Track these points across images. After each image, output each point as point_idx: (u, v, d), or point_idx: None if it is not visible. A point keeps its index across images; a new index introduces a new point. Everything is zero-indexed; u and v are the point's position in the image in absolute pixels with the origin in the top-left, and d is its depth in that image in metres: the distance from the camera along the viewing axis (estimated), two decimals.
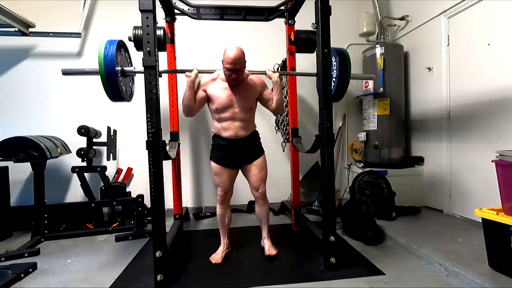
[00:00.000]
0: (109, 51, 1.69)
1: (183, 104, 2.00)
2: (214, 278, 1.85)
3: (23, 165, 2.64)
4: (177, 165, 2.82)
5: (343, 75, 1.97)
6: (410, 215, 2.87)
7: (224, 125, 2.03)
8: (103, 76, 1.67)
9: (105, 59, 1.67)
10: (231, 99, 1.99)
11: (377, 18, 3.36)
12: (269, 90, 2.12)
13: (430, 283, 1.71)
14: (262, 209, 2.19)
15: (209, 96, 2.03)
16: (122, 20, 3.25)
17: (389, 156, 3.25)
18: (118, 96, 1.80)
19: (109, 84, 1.68)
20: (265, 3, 2.63)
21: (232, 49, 1.86)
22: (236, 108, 2.00)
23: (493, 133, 2.40)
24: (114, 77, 1.68)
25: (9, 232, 2.78)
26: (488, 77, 2.43)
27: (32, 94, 3.21)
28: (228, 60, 1.85)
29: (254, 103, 2.11)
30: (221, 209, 2.17)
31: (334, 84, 2.04)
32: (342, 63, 1.98)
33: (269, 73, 2.05)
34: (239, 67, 1.88)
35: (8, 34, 2.94)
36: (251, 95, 2.06)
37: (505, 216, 1.62)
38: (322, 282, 1.75)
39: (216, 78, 2.05)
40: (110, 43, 1.75)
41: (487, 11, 2.43)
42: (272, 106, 2.10)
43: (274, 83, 2.05)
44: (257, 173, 2.11)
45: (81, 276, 1.91)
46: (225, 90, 2.00)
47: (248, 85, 2.04)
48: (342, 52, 2.01)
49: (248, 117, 2.07)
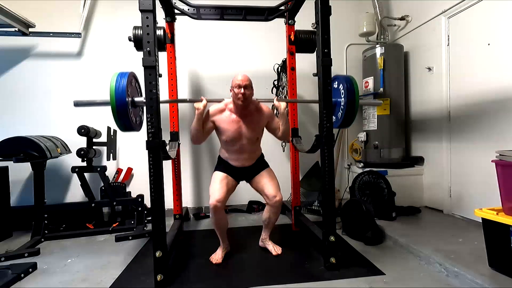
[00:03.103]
0: (121, 83, 1.69)
1: (191, 134, 2.03)
2: (214, 278, 1.85)
3: (23, 165, 2.63)
4: (177, 165, 2.82)
5: (351, 103, 1.92)
6: (410, 215, 2.87)
7: (232, 157, 2.10)
8: (114, 107, 1.66)
9: (116, 91, 1.66)
10: (239, 132, 2.03)
11: (377, 18, 3.36)
12: (276, 119, 2.15)
13: (430, 283, 1.71)
14: (274, 217, 2.15)
15: (217, 128, 2.06)
16: (122, 20, 3.26)
17: (389, 156, 3.25)
18: (128, 126, 1.77)
19: (119, 115, 1.67)
20: (265, 3, 2.63)
21: (239, 74, 1.95)
22: (244, 141, 2.05)
23: (493, 133, 2.40)
24: (125, 109, 1.67)
25: (9, 232, 2.77)
26: (488, 77, 2.43)
27: (32, 94, 3.22)
28: (236, 80, 1.92)
29: (261, 132, 2.16)
30: (215, 217, 2.03)
31: (343, 112, 1.99)
32: (350, 90, 1.93)
33: (276, 103, 2.05)
34: (247, 83, 1.92)
35: (8, 34, 2.94)
36: (259, 126, 2.11)
37: (505, 216, 1.62)
38: (322, 282, 1.75)
39: (224, 109, 2.05)
40: (122, 75, 1.73)
41: (487, 11, 2.43)
42: (278, 134, 2.15)
43: (281, 115, 2.08)
44: (270, 180, 2.12)
45: (81, 276, 1.91)
46: (233, 123, 2.02)
47: (255, 117, 2.06)
48: (349, 79, 1.97)
49: (255, 148, 2.14)
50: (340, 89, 2.01)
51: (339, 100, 2.03)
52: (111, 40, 3.31)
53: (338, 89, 2.04)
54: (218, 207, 1.94)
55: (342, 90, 1.99)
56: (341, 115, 2.00)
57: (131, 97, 1.80)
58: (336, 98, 2.03)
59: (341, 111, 2.02)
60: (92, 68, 3.31)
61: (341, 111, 2.02)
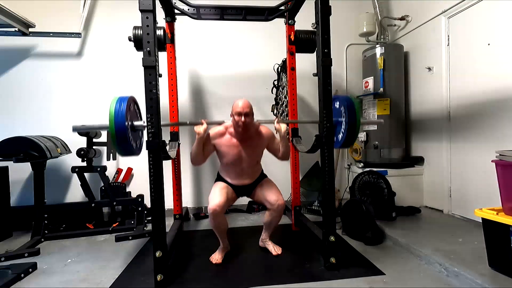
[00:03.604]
0: (120, 108, 1.66)
1: (191, 156, 2.04)
2: (214, 278, 1.85)
3: (23, 165, 2.63)
4: (177, 165, 2.82)
5: (352, 124, 1.90)
6: (410, 215, 2.87)
7: (231, 176, 2.12)
8: (113, 133, 1.64)
9: (115, 116, 1.63)
10: (239, 156, 2.04)
11: (377, 18, 3.36)
12: (277, 141, 2.15)
13: (430, 283, 1.71)
14: (276, 220, 2.15)
15: (217, 150, 2.08)
16: (122, 20, 3.25)
17: (389, 156, 3.25)
18: (127, 150, 1.74)
19: (118, 140, 1.65)
20: (265, 3, 2.63)
21: (240, 99, 1.95)
22: (244, 164, 2.07)
23: (493, 133, 2.40)
24: (124, 133, 1.65)
25: (9, 232, 2.77)
26: (488, 77, 2.43)
27: (32, 94, 3.22)
28: (237, 107, 1.91)
29: (261, 155, 2.17)
30: (214, 222, 2.01)
31: (344, 133, 1.96)
32: (351, 111, 1.90)
33: (277, 126, 2.02)
34: (248, 111, 1.91)
35: (8, 34, 2.94)
36: (259, 150, 2.12)
37: (505, 216, 1.62)
38: (322, 282, 1.75)
39: (224, 132, 2.05)
40: (121, 100, 1.70)
41: (487, 11, 2.43)
42: (278, 156, 2.16)
43: (281, 137, 2.08)
44: (270, 188, 2.14)
45: (81, 276, 1.91)
46: (233, 148, 2.02)
47: (256, 140, 2.07)
48: (350, 100, 1.95)
49: (255, 169, 2.16)
50: (342, 110, 1.99)
51: (340, 120, 2.01)
52: (111, 40, 3.31)
53: (339, 110, 2.02)
54: (218, 212, 1.93)
55: (343, 111, 1.98)
56: (343, 136, 1.97)
57: (131, 121, 1.78)
58: (336, 118, 2.01)
59: (342, 133, 2.00)
60: (92, 68, 3.31)
61: (342, 132, 2.00)
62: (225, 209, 1.99)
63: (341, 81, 3.70)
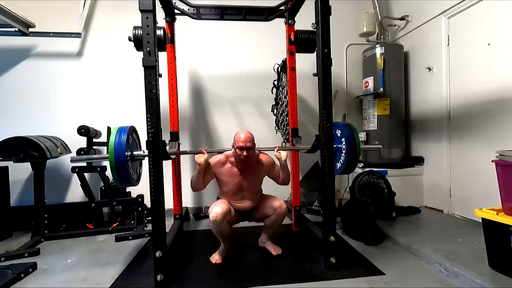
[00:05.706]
0: (120, 139, 1.68)
1: (192, 183, 2.06)
2: (214, 278, 1.85)
3: (23, 165, 2.63)
4: (177, 165, 2.82)
5: (352, 152, 1.92)
6: (410, 215, 2.87)
7: (232, 203, 2.12)
8: (112, 162, 1.65)
9: (115, 147, 1.65)
10: (240, 185, 2.06)
11: (377, 18, 3.36)
12: (277, 167, 2.18)
13: (430, 283, 1.71)
14: (278, 223, 2.17)
15: (218, 179, 2.10)
16: (122, 20, 3.25)
17: (389, 156, 3.25)
18: (126, 180, 1.75)
19: (118, 171, 1.66)
20: (265, 3, 2.63)
21: (242, 131, 1.98)
22: (245, 192, 2.10)
23: (493, 133, 2.40)
24: (124, 163, 1.66)
25: (9, 232, 2.77)
26: (488, 77, 2.43)
27: (32, 94, 3.22)
28: (239, 140, 1.93)
29: (261, 182, 2.21)
30: (216, 230, 2.00)
31: (344, 160, 1.98)
32: (351, 138, 1.92)
33: (277, 154, 2.08)
34: (250, 145, 1.94)
35: (8, 34, 2.94)
36: (259, 178, 2.16)
37: (505, 216, 1.62)
38: (322, 282, 1.75)
39: (225, 161, 2.07)
40: (121, 130, 1.71)
41: (487, 11, 2.43)
42: (278, 181, 2.20)
43: (282, 165, 2.11)
44: (270, 198, 2.16)
45: (81, 276, 1.91)
46: (234, 177, 2.05)
47: (256, 169, 2.09)
48: (349, 127, 1.97)
49: (256, 196, 2.17)
50: (342, 141, 2.01)
51: (340, 147, 2.03)
52: (111, 40, 3.31)
53: (340, 137, 2.04)
54: (219, 219, 1.93)
55: (342, 138, 2.00)
56: (343, 163, 2.00)
57: (131, 150, 1.79)
58: (337, 144, 2.03)
59: (342, 160, 2.01)
60: (92, 68, 3.31)
61: (342, 159, 2.01)
62: (226, 217, 1.99)
63: (341, 81, 3.70)
